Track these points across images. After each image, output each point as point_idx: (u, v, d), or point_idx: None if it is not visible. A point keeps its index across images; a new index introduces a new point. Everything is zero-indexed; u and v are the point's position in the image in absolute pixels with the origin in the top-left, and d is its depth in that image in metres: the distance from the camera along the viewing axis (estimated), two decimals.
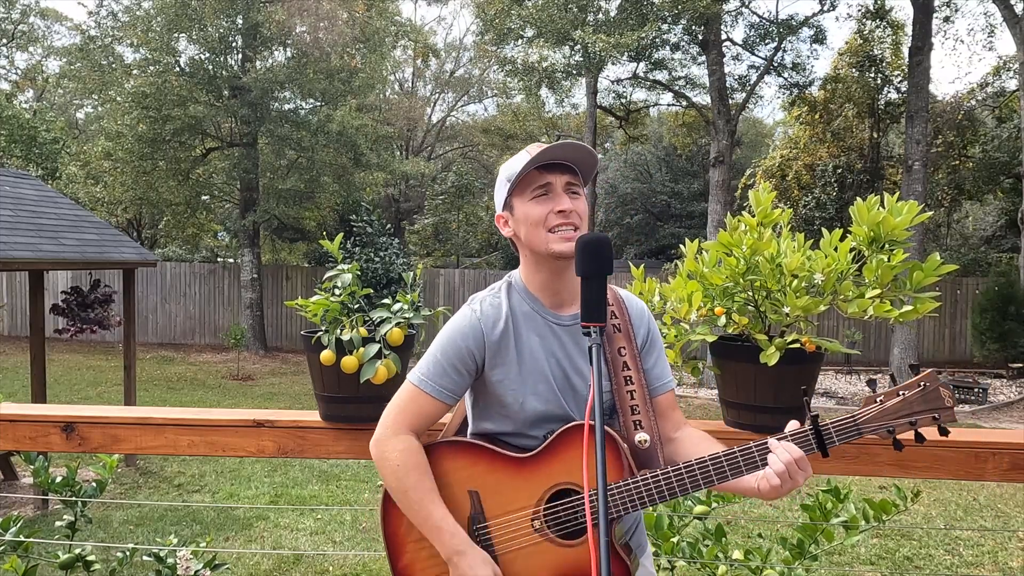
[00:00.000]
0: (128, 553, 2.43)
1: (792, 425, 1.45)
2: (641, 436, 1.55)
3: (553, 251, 1.50)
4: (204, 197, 19.18)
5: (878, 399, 1.42)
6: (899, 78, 17.62)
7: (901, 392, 1.41)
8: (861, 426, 1.41)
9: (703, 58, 16.46)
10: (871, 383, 1.45)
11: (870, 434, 1.41)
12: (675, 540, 2.23)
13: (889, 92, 18.00)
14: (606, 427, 1.50)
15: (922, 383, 1.41)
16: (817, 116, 18.37)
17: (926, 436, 1.42)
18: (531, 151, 1.53)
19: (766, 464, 1.41)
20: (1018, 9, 13.70)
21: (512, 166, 1.56)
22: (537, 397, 1.54)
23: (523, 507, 1.51)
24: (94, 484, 2.38)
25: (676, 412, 1.67)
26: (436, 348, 1.57)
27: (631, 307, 1.67)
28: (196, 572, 2.29)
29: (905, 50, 16.03)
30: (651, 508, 2.26)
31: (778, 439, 1.43)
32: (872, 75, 17.45)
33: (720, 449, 1.50)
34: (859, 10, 17.59)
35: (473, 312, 1.57)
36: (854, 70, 17.67)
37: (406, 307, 2.05)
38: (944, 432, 1.41)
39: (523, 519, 1.52)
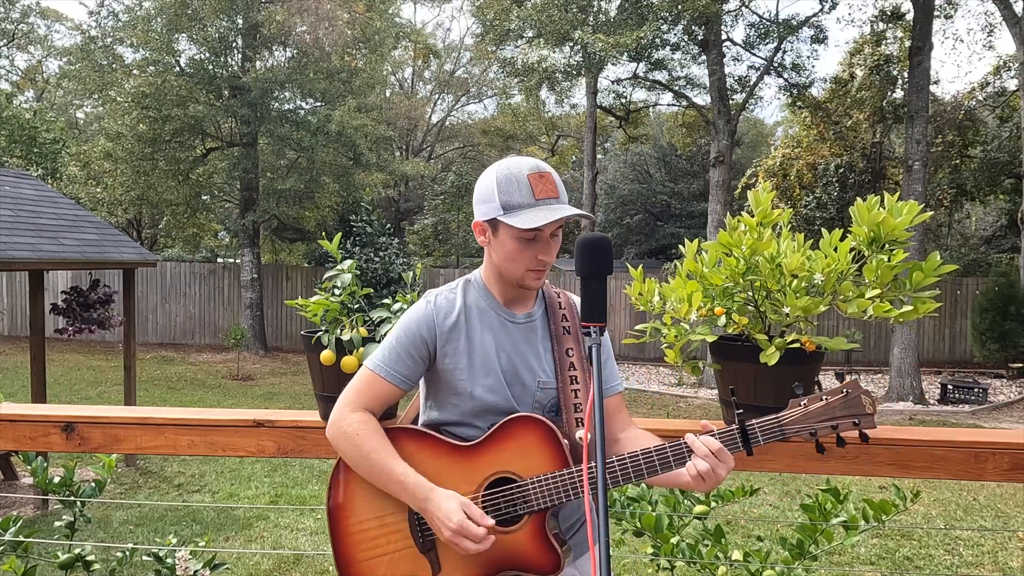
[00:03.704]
0: (128, 553, 2.43)
1: (705, 425, 1.53)
2: (582, 433, 1.59)
3: (526, 285, 1.61)
4: (204, 197, 19.19)
5: (802, 403, 1.48)
6: (905, 78, 17.52)
7: (825, 397, 1.48)
8: (785, 427, 1.48)
9: (703, 58, 16.44)
10: (839, 376, 1.49)
11: (794, 436, 1.47)
12: (675, 540, 2.23)
13: (894, 92, 17.93)
14: (548, 420, 1.56)
15: (844, 390, 1.49)
16: (821, 118, 18.29)
17: (847, 440, 1.48)
18: (536, 188, 1.52)
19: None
20: (1018, 9, 13.69)
21: (510, 192, 1.53)
22: (485, 388, 1.60)
23: (462, 494, 1.54)
24: (93, 484, 2.37)
25: (623, 413, 1.73)
26: (392, 336, 1.66)
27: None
28: (195, 572, 2.29)
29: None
30: (645, 511, 2.27)
31: (704, 435, 1.48)
32: (879, 76, 17.37)
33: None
34: (863, 11, 17.51)
35: (428, 303, 1.66)
36: (865, 70, 17.56)
37: (406, 307, 2.04)
38: (864, 438, 1.47)
39: None
